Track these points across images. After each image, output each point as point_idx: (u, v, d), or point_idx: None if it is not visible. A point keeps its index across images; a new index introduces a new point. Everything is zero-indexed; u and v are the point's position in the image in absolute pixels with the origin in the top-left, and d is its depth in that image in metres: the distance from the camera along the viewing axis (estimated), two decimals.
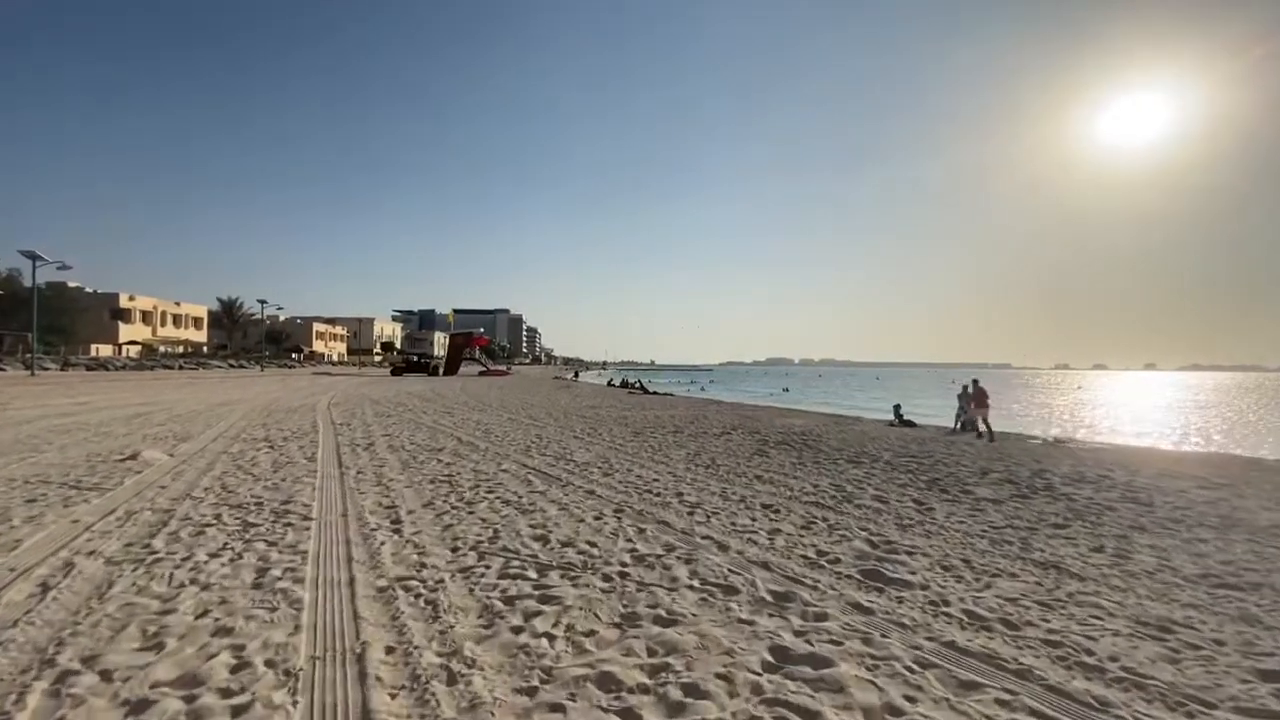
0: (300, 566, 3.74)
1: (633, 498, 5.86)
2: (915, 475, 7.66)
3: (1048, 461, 9.45)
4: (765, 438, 11.38)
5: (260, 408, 15.39)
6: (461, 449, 9.01)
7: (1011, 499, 6.32)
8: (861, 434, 12.93)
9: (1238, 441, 19.45)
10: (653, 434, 11.65)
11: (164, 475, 6.55)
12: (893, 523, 5.19)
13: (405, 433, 10.85)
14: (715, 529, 4.79)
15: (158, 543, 4.18)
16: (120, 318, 57.18)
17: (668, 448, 9.71)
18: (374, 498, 5.67)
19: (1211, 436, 21.52)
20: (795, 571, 3.80)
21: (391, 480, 6.48)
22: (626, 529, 4.72)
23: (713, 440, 10.88)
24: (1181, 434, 22.52)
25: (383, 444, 9.34)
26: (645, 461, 8.22)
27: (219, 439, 9.57)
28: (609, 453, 8.95)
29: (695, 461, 8.31)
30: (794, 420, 16.13)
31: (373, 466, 7.35)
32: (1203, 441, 19.67)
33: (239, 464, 7.34)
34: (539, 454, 8.66)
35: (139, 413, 13.54)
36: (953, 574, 3.87)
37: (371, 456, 8.12)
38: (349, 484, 6.26)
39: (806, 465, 8.25)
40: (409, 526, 4.68)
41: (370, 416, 13.82)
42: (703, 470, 7.59)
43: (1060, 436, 17.98)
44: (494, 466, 7.48)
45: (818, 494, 6.28)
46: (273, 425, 11.53)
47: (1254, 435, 22.15)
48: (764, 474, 7.39)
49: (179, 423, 11.69)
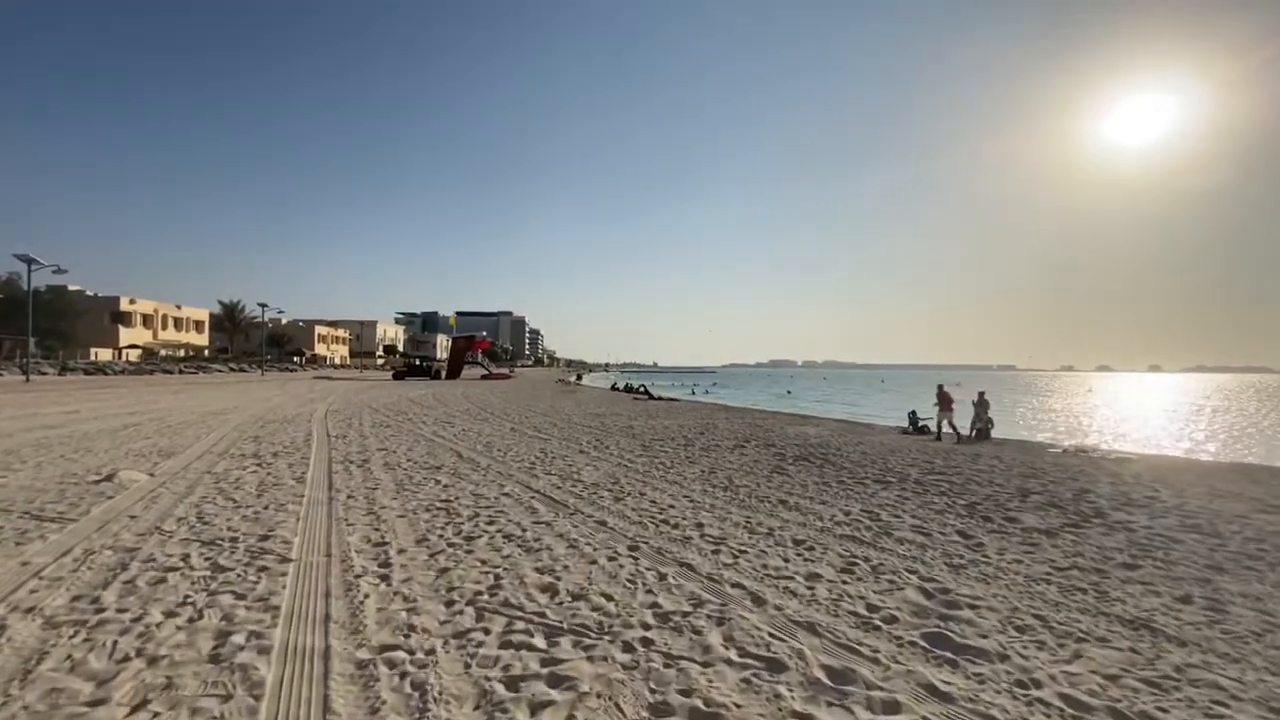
0: (268, 630, 3.20)
1: (648, 530, 5.31)
2: (951, 498, 7.09)
3: (1084, 479, 8.87)
4: (782, 451, 10.81)
5: (255, 417, 14.88)
6: (461, 466, 8.47)
7: (1064, 529, 5.74)
8: (881, 446, 12.35)
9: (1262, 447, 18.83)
10: (662, 447, 11.09)
11: (137, 501, 6.01)
12: (942, 562, 4.62)
13: (403, 447, 10.31)
14: (745, 573, 4.23)
15: (109, 596, 3.63)
16: (121, 321, 56.83)
17: (680, 464, 9.15)
18: (363, 531, 5.12)
19: (1234, 443, 20.88)
20: (848, 636, 3.25)
21: (383, 508, 5.94)
22: (645, 574, 4.16)
23: (726, 455, 10.31)
24: (1202, 440, 21.92)
25: (378, 460, 8.80)
26: (658, 482, 7.67)
27: (205, 455, 9.05)
28: (618, 471, 8.39)
29: (711, 481, 7.75)
30: (807, 429, 15.55)
31: (365, 489, 6.81)
32: (1226, 449, 19.06)
33: (221, 486, 6.81)
34: (544, 473, 8.12)
35: (128, 423, 13.03)
36: (1030, 637, 3.31)
37: (365, 476, 7.58)
38: (337, 512, 5.72)
39: (831, 486, 7.68)
40: (399, 571, 4.13)
41: (367, 427, 13.29)
42: (721, 493, 7.03)
43: (1082, 445, 17.40)
44: (495, 489, 6.93)
45: (852, 524, 5.71)
46: (265, 439, 11.00)
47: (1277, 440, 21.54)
48: (788, 498, 6.82)
49: (167, 435, 11.18)
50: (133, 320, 58.47)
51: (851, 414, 28.45)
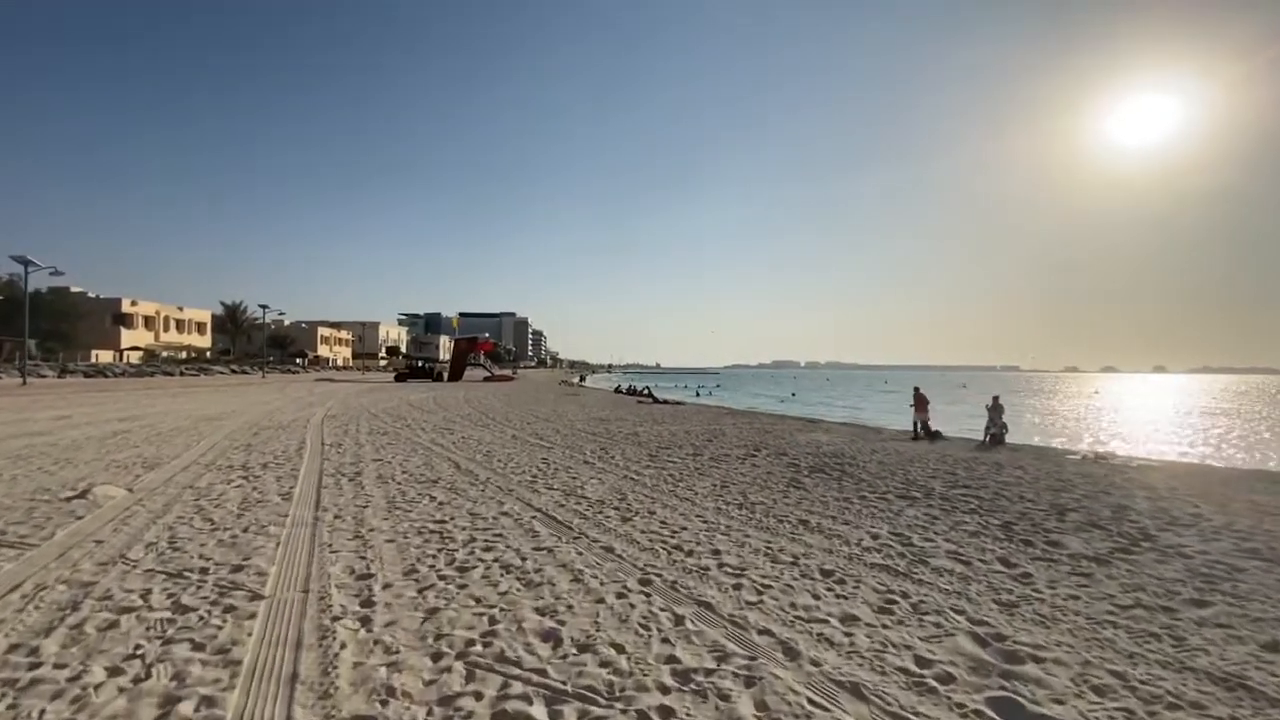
0: (223, 694, 2.74)
1: (660, 559, 4.83)
2: (983, 517, 6.60)
3: (1117, 492, 8.36)
4: (796, 462, 10.32)
5: (249, 423, 14.46)
6: (459, 480, 8.01)
7: (1114, 555, 5.25)
8: (897, 454, 11.85)
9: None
10: (670, 456, 10.62)
11: (107, 523, 5.57)
12: (989, 598, 4.14)
13: (399, 457, 9.86)
14: (773, 614, 3.75)
15: (50, 645, 3.18)
16: (123, 323, 56.61)
17: (689, 476, 8.68)
18: (347, 559, 4.66)
19: (1253, 449, 20.31)
20: (899, 702, 2.77)
21: (372, 530, 5.48)
22: (659, 616, 3.69)
23: (738, 466, 9.84)
24: (1218, 444, 21.39)
25: (371, 473, 8.35)
26: (667, 497, 7.20)
27: (191, 466, 8.61)
28: (625, 485, 7.92)
29: (724, 497, 7.27)
30: (818, 436, 15.06)
31: (354, 507, 6.35)
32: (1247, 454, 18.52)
33: (201, 504, 6.37)
34: (545, 487, 7.65)
35: (119, 430, 12.63)
36: (1113, 702, 2.83)
37: (356, 492, 7.13)
38: (321, 536, 5.26)
39: (853, 502, 7.19)
40: (382, 612, 3.67)
41: (364, 434, 12.85)
42: (736, 511, 6.55)
43: (1101, 452, 16.90)
44: (494, 507, 6.47)
45: (882, 550, 5.23)
46: (257, 447, 10.57)
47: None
48: (809, 517, 6.34)
49: (156, 443, 10.75)
50: (134, 322, 58.25)
51: (858, 417, 27.97)
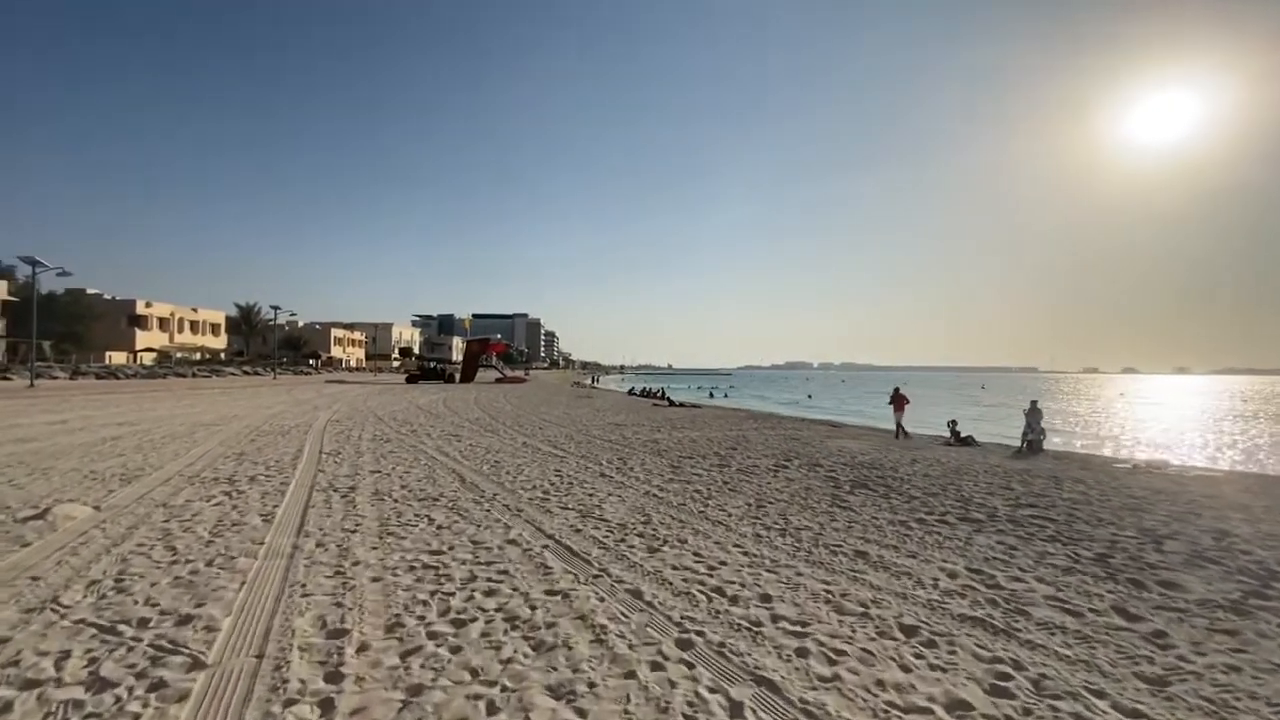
0: None
1: (700, 607, 3.96)
2: (1067, 546, 5.66)
3: (1207, 513, 7.36)
4: (833, 474, 9.40)
5: (249, 428, 13.78)
6: (462, 497, 7.20)
7: (1248, 600, 4.30)
8: (938, 464, 10.89)
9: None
10: (694, 468, 9.74)
11: (54, 553, 4.81)
12: (1128, 670, 3.23)
13: (400, 468, 9.07)
14: (857, 700, 2.87)
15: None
16: (137, 324, 56.69)
17: (719, 493, 7.80)
18: (320, 606, 3.84)
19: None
20: None
21: (356, 564, 4.66)
22: (709, 702, 2.81)
23: (770, 479, 8.94)
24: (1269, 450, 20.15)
25: (367, 488, 7.56)
26: (697, 520, 6.32)
27: (174, 478, 7.88)
28: (648, 504, 7.05)
29: (762, 520, 6.38)
30: (848, 443, 14.09)
31: (341, 532, 5.55)
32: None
33: (169, 527, 5.59)
34: (559, 506, 6.81)
35: (111, 436, 11.98)
36: None
37: (346, 512, 6.33)
38: (296, 572, 4.45)
39: (911, 526, 6.27)
40: (350, 693, 2.84)
41: (366, 441, 12.09)
42: (780, 539, 5.66)
43: (1151, 461, 15.81)
44: (500, 533, 5.63)
45: (965, 594, 4.32)
46: (249, 456, 9.84)
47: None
48: (866, 548, 5.43)
49: (144, 451, 10.06)
50: (149, 323, 58.35)
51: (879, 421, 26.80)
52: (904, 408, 17.75)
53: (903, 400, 17.93)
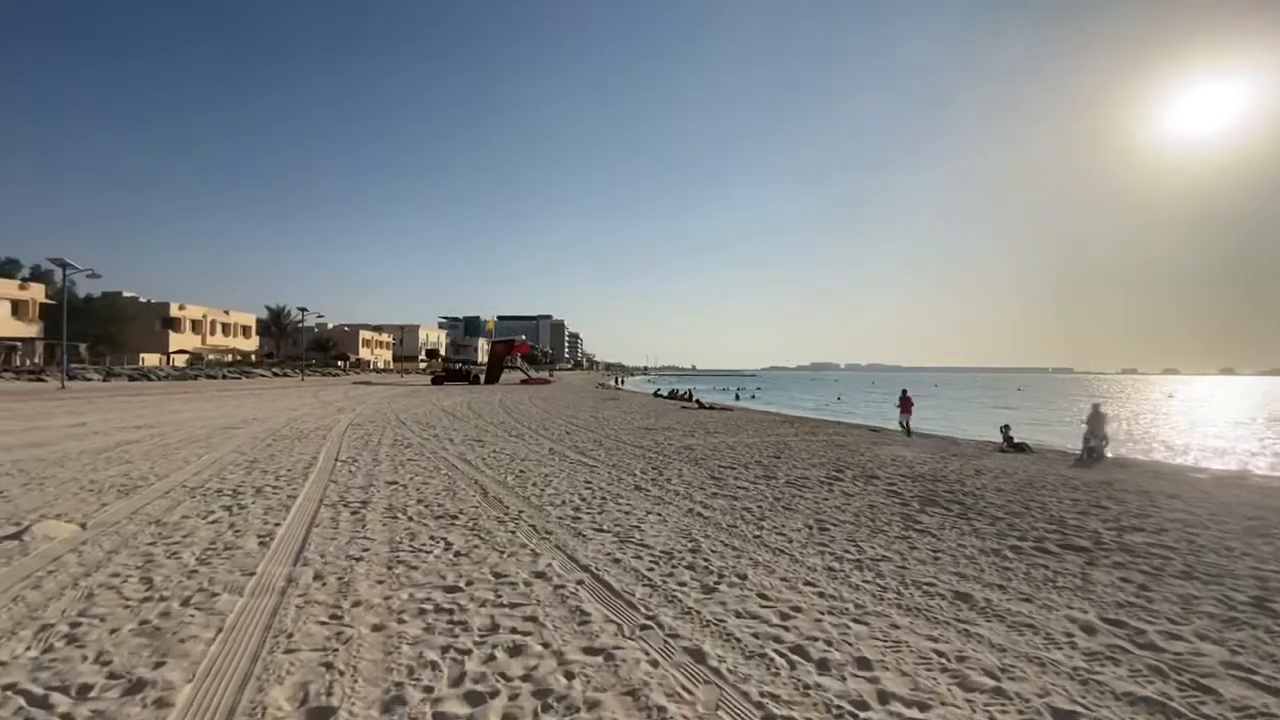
0: None
1: (780, 676, 3.09)
2: (1211, 586, 4.64)
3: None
4: (894, 487, 8.43)
5: (269, 431, 13.29)
6: (484, 514, 6.43)
7: None
8: (1004, 474, 9.81)
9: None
10: (738, 480, 8.86)
11: (15, 584, 4.15)
12: None
13: (418, 478, 8.37)
14: None
15: None
16: (171, 326, 57.66)
17: (772, 511, 6.91)
18: (305, 666, 3.08)
19: None
20: None
21: (356, 604, 3.89)
22: None
23: (824, 492, 8.02)
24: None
25: (381, 502, 6.85)
26: (754, 547, 5.44)
27: (176, 490, 7.28)
28: (693, 524, 6.20)
29: (830, 547, 5.47)
30: (899, 450, 13.03)
31: (345, 560, 4.81)
32: None
33: (152, 552, 4.92)
34: (592, 527, 5.99)
35: (125, 440, 11.56)
36: None
37: (354, 533, 5.60)
38: (283, 618, 3.70)
39: (1006, 556, 5.31)
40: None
41: (386, 447, 11.46)
42: (856, 573, 4.75)
43: (1231, 471, 14.45)
44: (526, 562, 4.82)
45: (1120, 659, 3.36)
46: (261, 463, 9.24)
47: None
48: (964, 586, 4.49)
49: (154, 458, 9.54)
50: (182, 325, 59.32)
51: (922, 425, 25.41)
52: (910, 409, 18.77)
53: (909, 402, 18.90)
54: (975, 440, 18.06)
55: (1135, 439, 24.33)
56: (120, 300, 53.98)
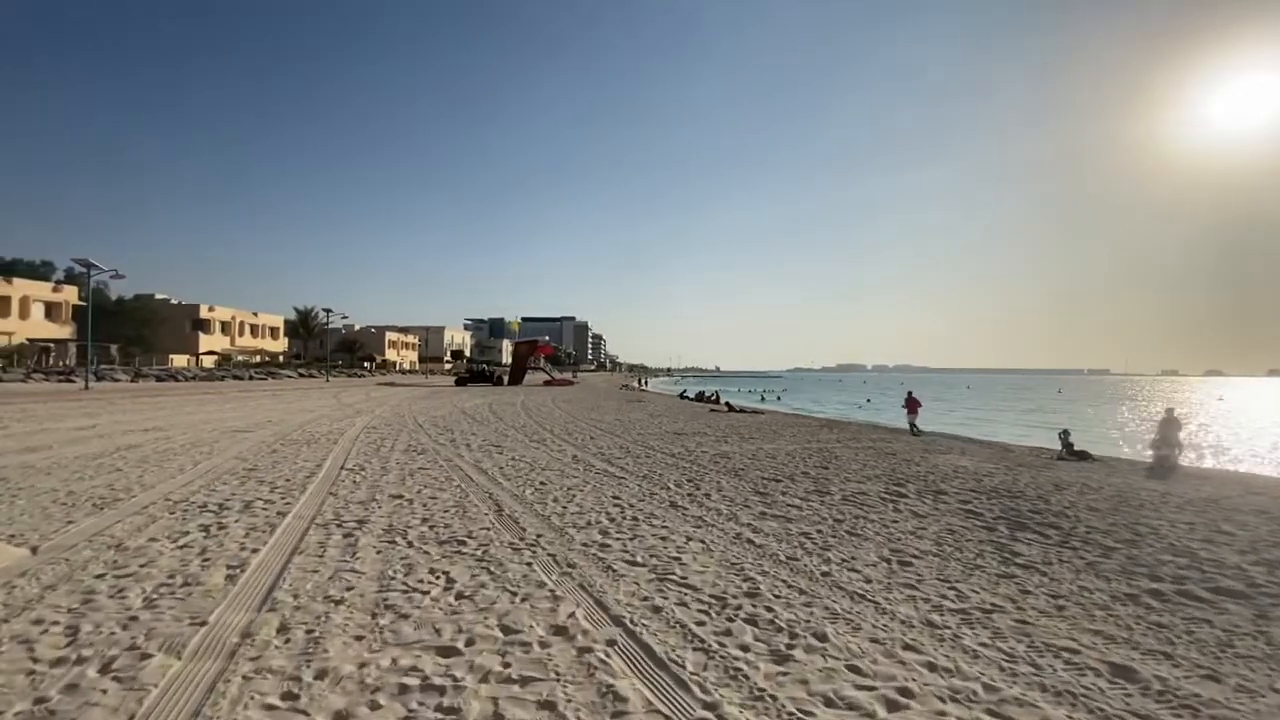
0: None
1: None
2: None
3: None
4: (968, 506, 7.29)
5: (278, 435, 12.61)
6: (496, 540, 5.49)
7: None
8: (1091, 490, 8.57)
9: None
10: (785, 494, 7.80)
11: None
12: None
13: (426, 491, 7.49)
14: None
15: None
16: (200, 328, 58.38)
17: (835, 537, 5.85)
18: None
19: None
20: None
21: (322, 680, 2.96)
22: None
23: (889, 512, 6.92)
24: None
25: (380, 523, 5.96)
26: (825, 588, 4.39)
27: (155, 505, 6.51)
28: (744, 556, 5.17)
29: (919, 589, 4.39)
30: (956, 459, 11.80)
31: (322, 603, 3.90)
32: None
33: (96, 588, 4.07)
34: (624, 560, 5.00)
35: (130, 444, 10.95)
36: None
37: (341, 564, 4.70)
38: (220, 699, 2.79)
39: (1152, 607, 4.17)
40: None
41: (398, 453, 10.64)
42: (968, 632, 3.67)
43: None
44: (544, 614, 3.84)
45: None
46: (260, 472, 8.48)
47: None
48: (1115, 654, 3.39)
49: (149, 465, 8.85)
50: (212, 327, 60.04)
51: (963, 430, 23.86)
52: (917, 410, 19.45)
53: (915, 403, 19.65)
54: (1028, 446, 16.70)
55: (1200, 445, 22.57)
56: (152, 302, 54.81)
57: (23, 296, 43.08)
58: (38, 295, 44.20)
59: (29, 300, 43.47)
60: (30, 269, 52.13)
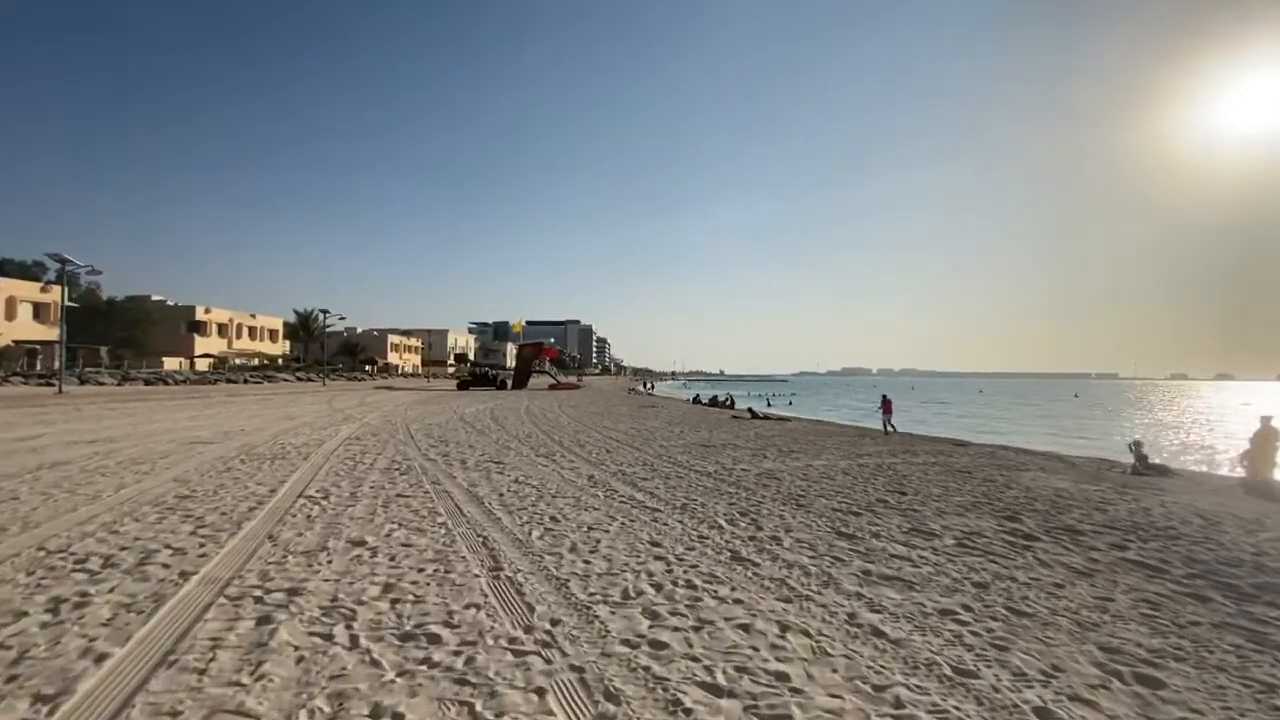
0: None
1: None
2: None
3: None
4: (1127, 553, 5.37)
5: (242, 449, 10.77)
6: (488, 630, 3.60)
7: None
8: (1236, 520, 6.65)
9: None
10: (875, 534, 5.89)
11: None
12: None
13: (398, 534, 5.60)
14: None
15: None
16: (196, 330, 56.75)
17: (990, 616, 3.94)
18: None
19: None
20: None
21: None
22: None
23: (1031, 565, 5.00)
24: None
25: (322, 590, 4.08)
26: (955, 691, 2.52)
27: (17, 558, 4.66)
28: (882, 662, 3.27)
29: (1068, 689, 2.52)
30: (1049, 479, 9.83)
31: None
32: None
33: None
34: (692, 678, 3.10)
35: (60, 460, 9.14)
36: None
37: (233, 684, 2.82)
38: None
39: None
40: None
41: (376, 474, 8.78)
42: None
43: None
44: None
45: None
46: (199, 498, 6.65)
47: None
48: None
49: (62, 490, 7.05)
50: (208, 329, 58.41)
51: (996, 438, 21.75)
52: (891, 410, 20.07)
53: (889, 404, 20.36)
54: (1087, 458, 14.69)
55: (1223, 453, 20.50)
56: (146, 303, 53.23)
57: (9, 297, 41.51)
58: (25, 295, 42.63)
59: (15, 300, 41.90)
60: (21, 268, 50.59)
